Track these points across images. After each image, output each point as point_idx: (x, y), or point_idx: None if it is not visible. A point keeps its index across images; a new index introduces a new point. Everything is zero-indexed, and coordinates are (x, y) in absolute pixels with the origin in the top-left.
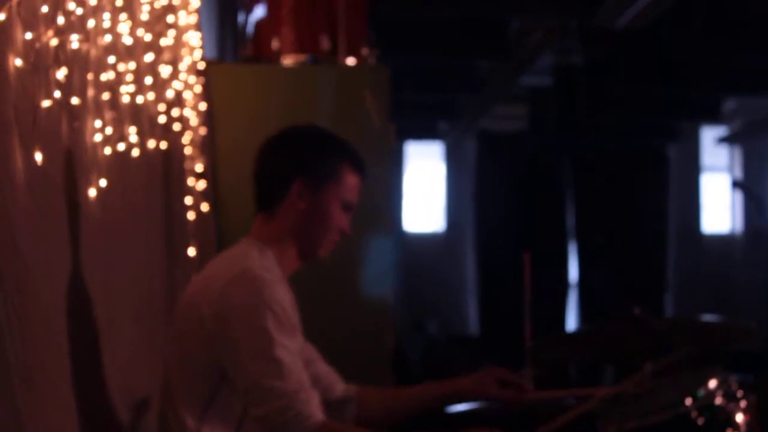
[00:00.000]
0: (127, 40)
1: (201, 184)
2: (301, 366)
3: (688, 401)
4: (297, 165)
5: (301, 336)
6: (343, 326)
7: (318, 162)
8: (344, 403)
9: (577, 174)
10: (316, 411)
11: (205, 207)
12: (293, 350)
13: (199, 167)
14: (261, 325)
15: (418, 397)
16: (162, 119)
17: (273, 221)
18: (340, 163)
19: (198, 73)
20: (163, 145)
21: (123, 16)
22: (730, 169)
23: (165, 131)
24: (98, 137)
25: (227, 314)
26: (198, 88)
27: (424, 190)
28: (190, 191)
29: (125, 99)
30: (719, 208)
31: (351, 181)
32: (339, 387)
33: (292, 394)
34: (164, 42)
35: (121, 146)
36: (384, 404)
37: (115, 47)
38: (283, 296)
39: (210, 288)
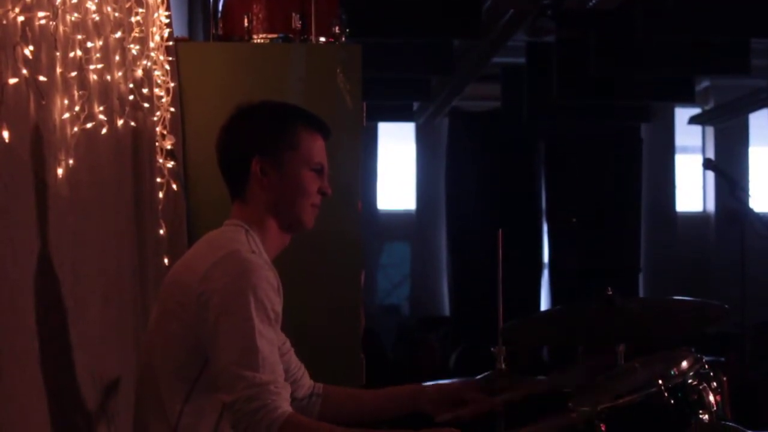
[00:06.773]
0: (96, 18)
1: (170, 163)
2: (277, 357)
3: (661, 381)
4: (249, 144)
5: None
6: (312, 307)
7: (268, 135)
8: (309, 400)
9: (550, 154)
10: (284, 403)
11: (174, 186)
12: (272, 340)
13: (168, 146)
14: (243, 311)
15: (383, 399)
16: (131, 98)
17: (247, 205)
18: (292, 130)
19: (167, 51)
20: (132, 123)
21: None
22: (703, 149)
23: (134, 110)
24: (66, 115)
25: (210, 296)
26: (167, 67)
27: (397, 170)
28: (160, 170)
29: (93, 77)
30: (692, 188)
31: (310, 142)
32: (306, 384)
33: (264, 385)
34: (133, 19)
35: (89, 125)
36: (348, 404)
37: (83, 24)
38: (270, 281)
39: (194, 270)
